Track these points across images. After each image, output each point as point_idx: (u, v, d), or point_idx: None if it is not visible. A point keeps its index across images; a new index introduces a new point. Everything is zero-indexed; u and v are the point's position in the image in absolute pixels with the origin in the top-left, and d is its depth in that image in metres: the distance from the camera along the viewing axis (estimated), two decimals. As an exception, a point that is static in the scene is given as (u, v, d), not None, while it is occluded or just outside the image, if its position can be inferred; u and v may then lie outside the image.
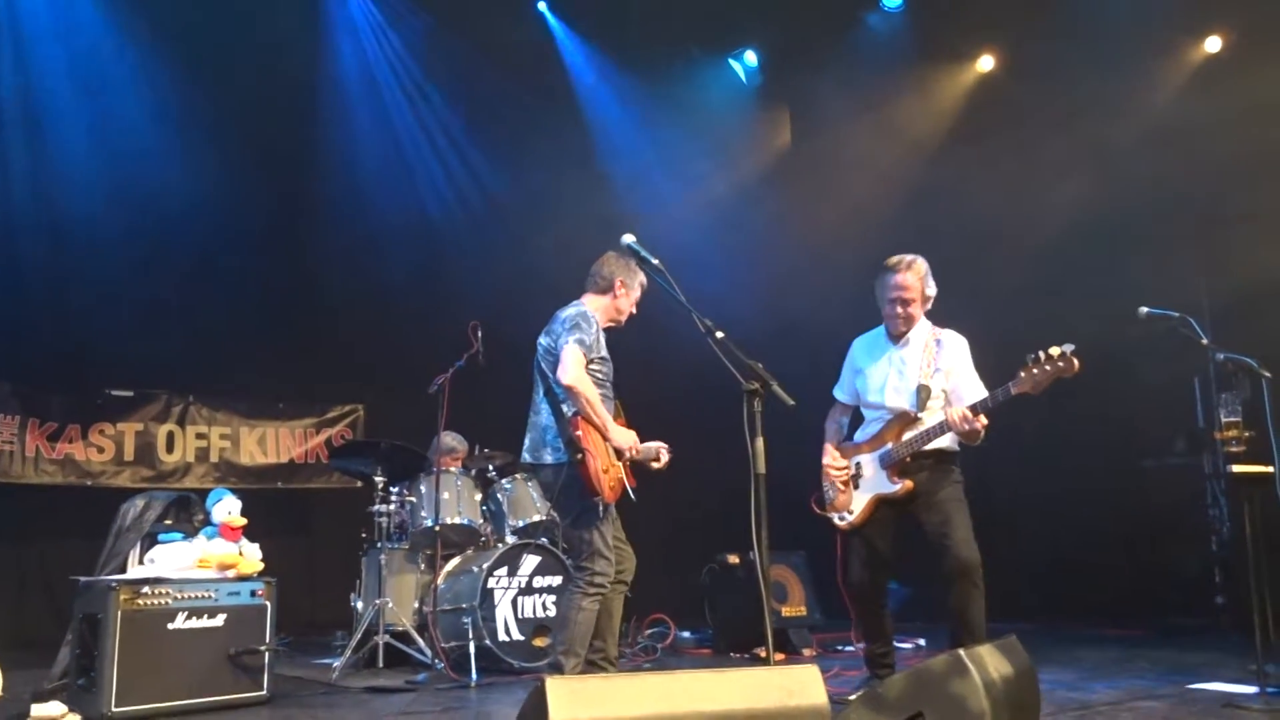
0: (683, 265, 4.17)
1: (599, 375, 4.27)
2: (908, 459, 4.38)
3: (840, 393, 4.79)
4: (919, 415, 4.40)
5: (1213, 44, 7.75)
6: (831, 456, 4.62)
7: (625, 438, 4.24)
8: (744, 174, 9.60)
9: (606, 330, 4.41)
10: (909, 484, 4.39)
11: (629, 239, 3.93)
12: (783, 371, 3.49)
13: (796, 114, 9.97)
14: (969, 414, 4.17)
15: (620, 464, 4.25)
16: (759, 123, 9.89)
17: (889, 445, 4.45)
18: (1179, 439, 8.06)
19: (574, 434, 4.09)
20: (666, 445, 4.46)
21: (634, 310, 4.50)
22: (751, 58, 9.52)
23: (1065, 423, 7.21)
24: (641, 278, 4.42)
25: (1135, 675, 5.24)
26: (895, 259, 4.63)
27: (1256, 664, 4.59)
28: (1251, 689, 4.58)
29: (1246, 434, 4.67)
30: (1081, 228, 7.49)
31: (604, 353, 4.33)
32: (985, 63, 8.79)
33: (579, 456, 4.05)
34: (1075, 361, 4.03)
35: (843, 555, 4.61)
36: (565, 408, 4.18)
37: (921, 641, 6.93)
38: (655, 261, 3.97)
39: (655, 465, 4.42)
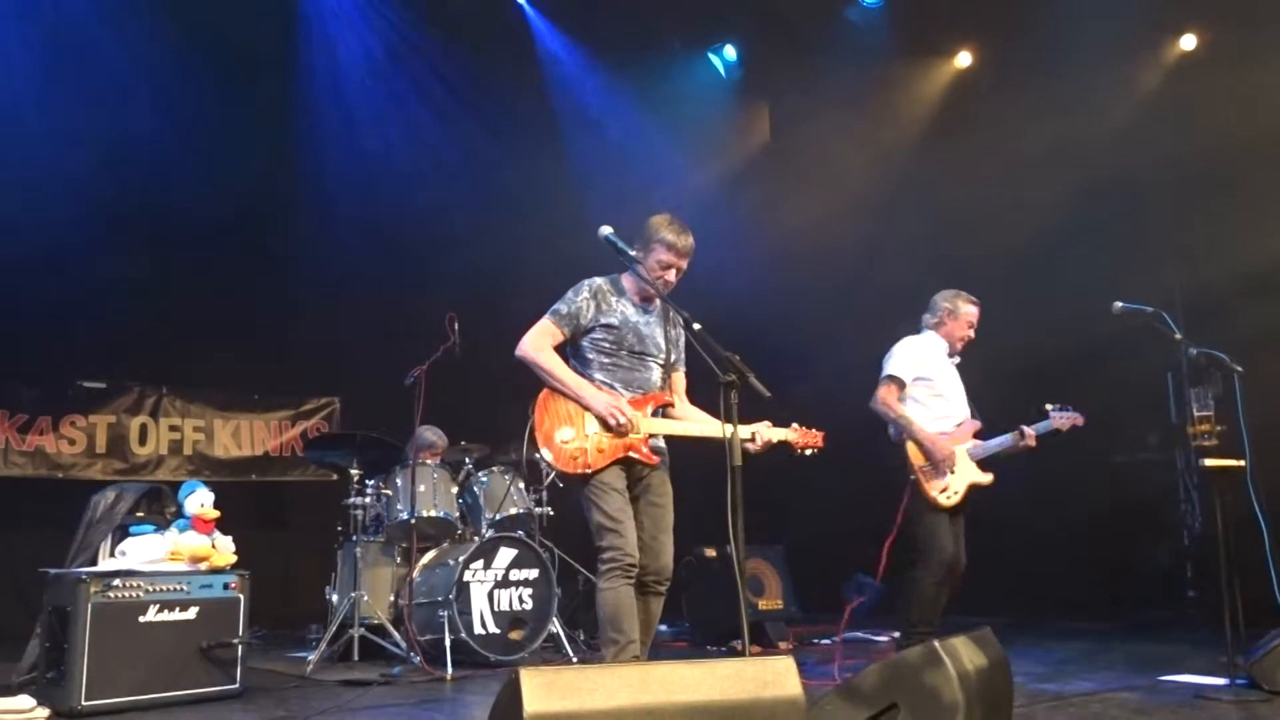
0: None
1: (605, 344, 3.96)
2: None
3: (906, 376, 5.11)
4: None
5: (1188, 41, 7.82)
6: (944, 441, 5.01)
7: (598, 405, 3.82)
8: (723, 168, 9.60)
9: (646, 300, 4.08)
10: (992, 476, 5.09)
11: (606, 231, 3.92)
12: (760, 363, 3.50)
13: (775, 109, 9.98)
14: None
15: (612, 430, 3.82)
16: (738, 117, 9.89)
17: (972, 443, 5.12)
18: (1152, 434, 8.15)
19: (531, 409, 3.89)
20: (768, 424, 3.96)
21: (667, 275, 3.97)
22: (731, 52, 9.51)
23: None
24: (664, 236, 3.95)
25: (1107, 667, 5.28)
26: (973, 297, 5.33)
27: (1227, 656, 4.65)
28: (1222, 680, 4.64)
29: (1218, 428, 4.72)
30: (1058, 223, 7.53)
31: (613, 320, 3.97)
32: (963, 59, 8.83)
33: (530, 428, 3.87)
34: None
35: (930, 532, 4.90)
36: None
37: (897, 634, 6.96)
38: (632, 253, 3.97)
39: (750, 446, 3.89)
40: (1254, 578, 4.59)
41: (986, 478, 5.09)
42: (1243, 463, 4.62)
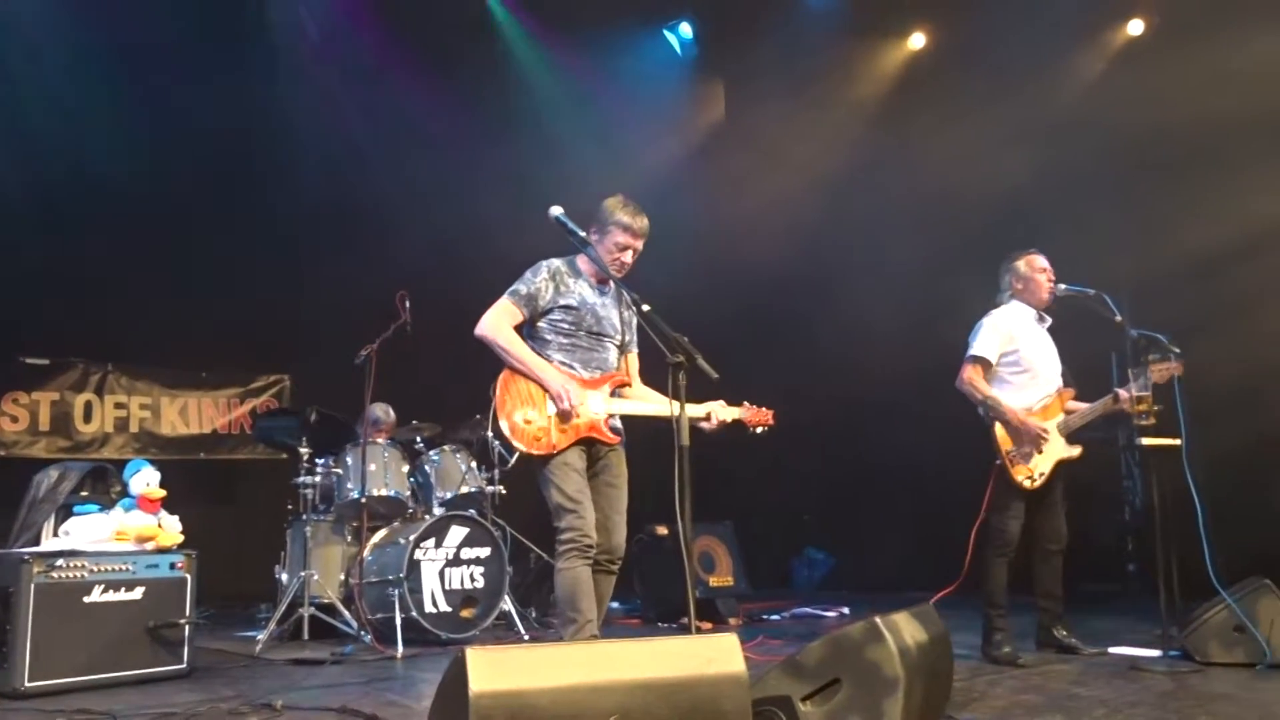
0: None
1: (564, 325, 3.98)
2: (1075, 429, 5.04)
3: (992, 355, 5.04)
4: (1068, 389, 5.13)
5: (1135, 26, 7.93)
6: (1034, 420, 4.97)
7: (554, 385, 3.84)
8: (677, 146, 9.59)
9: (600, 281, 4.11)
10: (1080, 448, 5.04)
11: (556, 211, 3.91)
12: (714, 343, 3.52)
13: (731, 87, 9.99)
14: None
15: (566, 412, 3.84)
16: (693, 95, 9.88)
17: (1062, 415, 5.05)
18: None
19: (493, 389, 3.90)
20: (722, 403, 4.04)
21: (623, 257, 4.01)
22: (687, 29, 9.49)
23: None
24: (619, 218, 3.99)
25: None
26: (1035, 250, 5.22)
27: (1162, 629, 4.79)
28: (1157, 652, 4.77)
29: (1157, 408, 4.84)
30: (1009, 204, 7.62)
31: (571, 301, 3.99)
32: (917, 40, 8.88)
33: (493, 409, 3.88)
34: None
35: (1003, 513, 4.95)
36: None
37: (845, 610, 7.07)
38: (582, 234, 3.97)
39: (705, 426, 3.99)
40: (1190, 553, 4.71)
41: (1075, 451, 5.03)
42: (1179, 441, 4.74)
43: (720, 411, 4.03)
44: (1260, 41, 6.62)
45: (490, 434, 5.61)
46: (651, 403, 4.04)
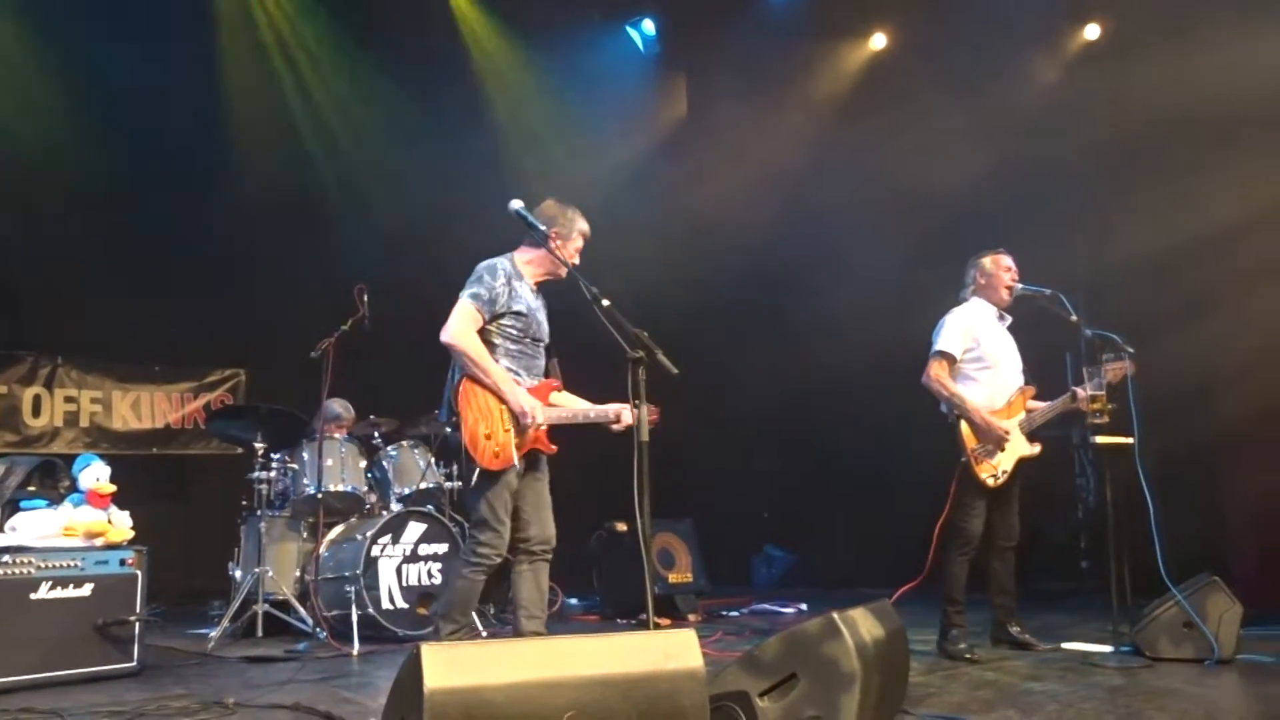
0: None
1: (513, 331, 4.00)
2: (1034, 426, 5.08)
3: (957, 351, 5.06)
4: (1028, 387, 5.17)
5: (1092, 31, 8.03)
6: (997, 420, 4.99)
7: (521, 403, 3.88)
8: (640, 142, 9.59)
9: (547, 283, 4.17)
10: (1040, 446, 5.07)
11: (516, 204, 3.90)
12: (671, 339, 3.51)
13: (693, 84, 10.00)
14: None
15: (525, 428, 3.91)
16: (656, 91, 9.88)
17: (1024, 413, 5.08)
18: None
19: (453, 396, 3.92)
20: (629, 406, 3.93)
21: (576, 260, 4.10)
22: (650, 26, 9.48)
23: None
24: (581, 225, 4.11)
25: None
26: (1002, 249, 5.25)
27: (1113, 625, 4.86)
28: (1108, 648, 4.84)
29: (1110, 406, 4.90)
30: (968, 204, 7.69)
31: (520, 306, 4.00)
32: (878, 41, 8.93)
33: (454, 419, 3.92)
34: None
35: (965, 511, 4.97)
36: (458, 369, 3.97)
37: (803, 606, 7.11)
38: (543, 228, 3.95)
39: (615, 428, 4.02)
40: (1142, 551, 4.78)
41: (1035, 449, 5.07)
42: (1131, 440, 4.81)
43: (628, 415, 3.97)
44: (1213, 46, 6.73)
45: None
46: (579, 409, 4.13)
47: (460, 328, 3.90)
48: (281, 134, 8.05)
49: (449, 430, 6.06)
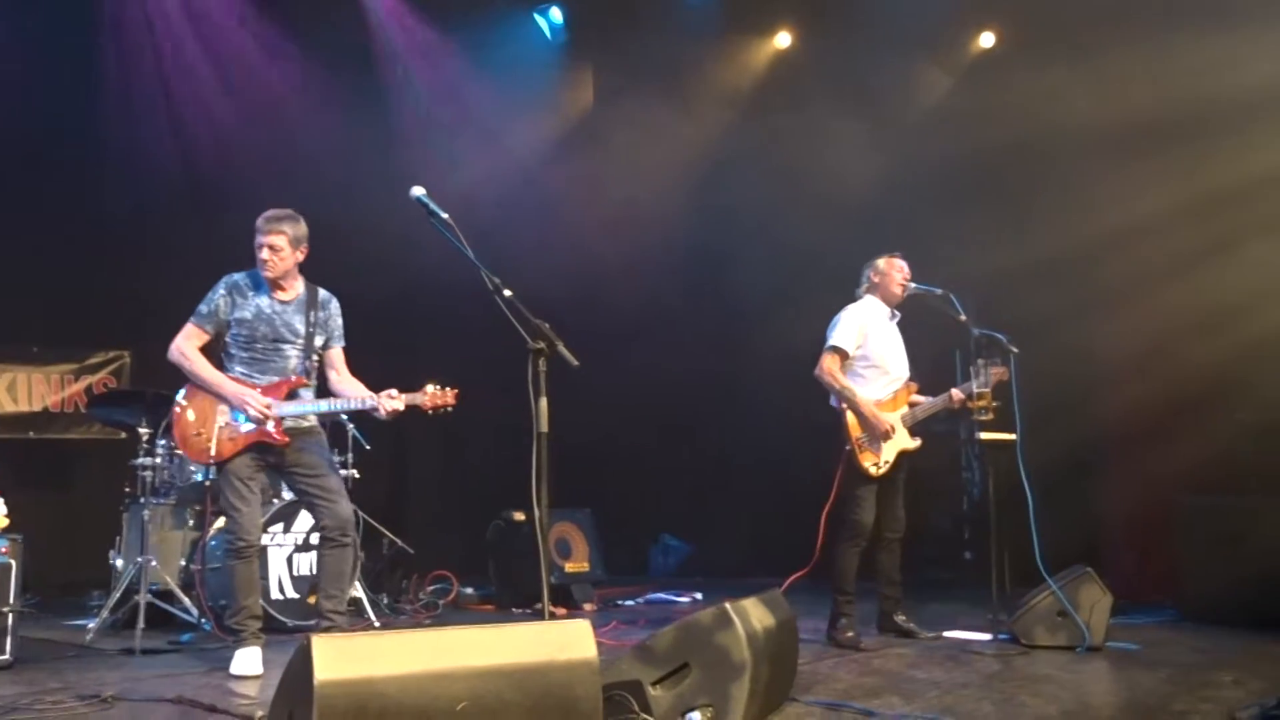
0: (477, 222, 4.12)
1: (241, 337, 4.40)
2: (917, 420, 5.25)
3: (850, 347, 5.21)
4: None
5: (987, 39, 8.28)
6: (884, 415, 5.14)
7: (232, 397, 4.30)
8: (545, 132, 9.50)
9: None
10: (920, 440, 5.25)
11: (418, 191, 3.85)
12: (581, 330, 3.51)
13: (601, 74, 9.96)
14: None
15: (239, 421, 4.30)
16: (563, 81, 9.80)
17: (906, 408, 5.27)
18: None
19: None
20: (395, 392, 4.30)
21: (260, 255, 4.43)
22: (557, 14, 9.40)
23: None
24: (259, 223, 4.46)
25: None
26: (897, 253, 5.45)
27: (992, 614, 5.05)
28: (987, 636, 5.04)
29: (995, 404, 5.09)
30: (866, 204, 7.86)
31: (244, 314, 4.40)
32: (783, 39, 9.04)
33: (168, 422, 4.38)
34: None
35: (855, 503, 5.11)
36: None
37: (699, 595, 7.20)
38: (445, 216, 3.90)
39: (379, 415, 4.33)
40: (1021, 543, 4.98)
41: (914, 443, 5.24)
42: (1014, 436, 5.01)
43: (388, 403, 4.29)
44: (1105, 55, 7.01)
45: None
46: (327, 400, 4.46)
47: (177, 343, 4.46)
48: (172, 106, 7.76)
49: (343, 419, 6.01)
